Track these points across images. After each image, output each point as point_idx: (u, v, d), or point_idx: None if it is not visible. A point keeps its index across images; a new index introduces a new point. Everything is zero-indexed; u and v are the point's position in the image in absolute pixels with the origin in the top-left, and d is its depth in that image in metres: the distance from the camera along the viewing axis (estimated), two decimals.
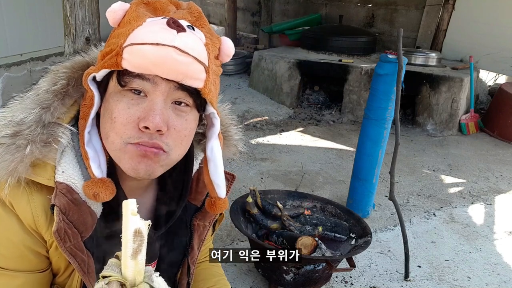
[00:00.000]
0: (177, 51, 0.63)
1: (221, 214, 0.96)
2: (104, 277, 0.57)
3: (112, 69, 0.67)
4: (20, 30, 3.85)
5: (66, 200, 0.68)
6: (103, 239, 0.77)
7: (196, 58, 0.65)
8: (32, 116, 0.68)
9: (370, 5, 5.49)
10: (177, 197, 0.84)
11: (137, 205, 0.58)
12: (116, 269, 0.57)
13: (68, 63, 0.76)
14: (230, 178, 0.92)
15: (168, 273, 0.89)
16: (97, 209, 0.74)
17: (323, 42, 4.75)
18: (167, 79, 0.65)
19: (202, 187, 0.88)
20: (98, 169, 0.71)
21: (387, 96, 2.23)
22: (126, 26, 0.67)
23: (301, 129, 4.10)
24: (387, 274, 2.07)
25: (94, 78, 0.71)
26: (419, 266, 2.14)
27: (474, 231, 2.50)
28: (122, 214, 0.76)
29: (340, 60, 4.45)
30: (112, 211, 0.76)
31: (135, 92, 0.67)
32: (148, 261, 0.62)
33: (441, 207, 2.75)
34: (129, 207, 0.55)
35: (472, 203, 2.82)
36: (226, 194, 0.86)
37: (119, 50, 0.64)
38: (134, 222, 0.55)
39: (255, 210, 1.96)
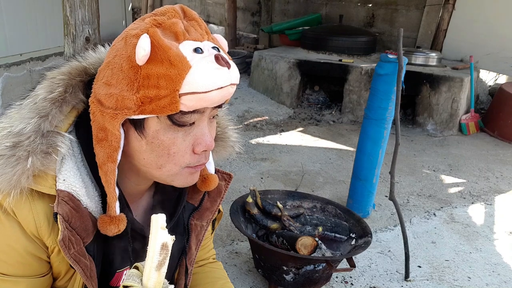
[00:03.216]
0: (232, 86, 0.68)
1: (219, 212, 0.96)
2: (125, 287, 0.61)
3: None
4: (20, 30, 3.85)
5: (68, 208, 0.68)
6: (103, 244, 0.77)
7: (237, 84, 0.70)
8: (30, 126, 0.68)
9: (370, 5, 5.49)
10: (176, 198, 0.84)
11: (136, 208, 0.59)
12: (136, 279, 0.61)
13: (65, 69, 0.74)
14: (227, 177, 0.92)
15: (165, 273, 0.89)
16: (98, 214, 0.74)
17: (323, 42, 4.75)
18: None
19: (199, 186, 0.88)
20: (118, 209, 0.73)
21: (387, 96, 2.23)
22: (165, 66, 0.62)
23: (301, 129, 4.10)
24: (387, 274, 2.07)
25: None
26: (419, 266, 2.14)
27: (475, 231, 2.50)
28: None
29: (340, 60, 4.45)
30: None
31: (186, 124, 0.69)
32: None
33: (441, 207, 2.74)
34: (159, 221, 0.59)
35: (472, 203, 2.82)
36: (224, 193, 0.89)
37: (175, 97, 0.63)
38: (162, 236, 0.59)
39: (255, 210, 1.96)
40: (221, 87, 0.65)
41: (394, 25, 5.27)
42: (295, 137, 3.86)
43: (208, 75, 0.64)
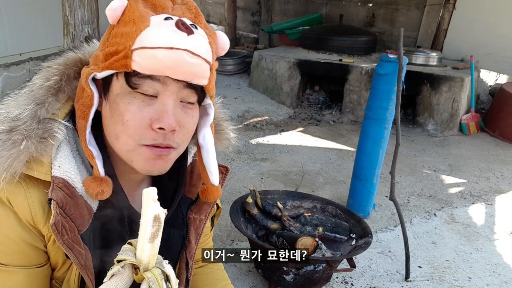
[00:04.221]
0: (189, 54, 0.65)
1: (218, 208, 0.96)
2: (118, 261, 0.61)
3: (120, 71, 0.67)
4: (20, 30, 3.84)
5: (63, 194, 0.68)
6: (100, 233, 0.77)
7: (205, 59, 0.67)
8: (27, 112, 0.69)
9: (371, 5, 5.48)
10: (173, 190, 0.84)
11: (133, 200, 0.58)
12: (130, 254, 0.61)
13: (61, 60, 0.76)
14: (224, 170, 0.92)
15: None
16: (93, 203, 0.74)
17: (323, 41, 4.74)
18: (176, 79, 0.67)
19: (197, 180, 0.88)
20: (102, 168, 0.72)
21: (388, 96, 2.23)
22: (129, 26, 0.66)
23: (301, 129, 4.09)
24: (387, 274, 2.07)
25: (92, 77, 0.71)
26: (420, 267, 2.14)
27: (475, 231, 2.49)
28: (119, 207, 0.77)
29: (340, 60, 4.44)
30: (109, 205, 0.76)
31: (146, 93, 0.68)
32: None
33: (442, 207, 2.74)
34: (151, 194, 0.60)
35: (472, 203, 2.82)
36: (221, 186, 0.88)
37: (128, 52, 0.64)
38: (154, 208, 0.59)
39: (255, 211, 1.96)
40: (172, 48, 0.63)
41: (395, 24, 5.26)
42: (295, 137, 3.86)
43: (161, 33, 0.64)
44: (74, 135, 0.74)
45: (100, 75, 0.69)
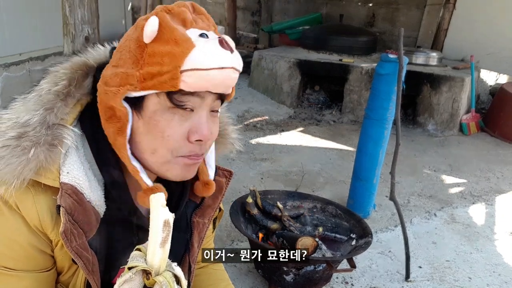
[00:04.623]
0: (234, 70, 0.68)
1: (220, 210, 0.96)
2: (129, 268, 0.61)
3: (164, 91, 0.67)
4: (19, 30, 3.84)
5: (71, 200, 0.68)
6: (107, 238, 0.77)
7: (240, 72, 0.71)
8: (36, 117, 0.68)
9: (371, 5, 5.48)
10: (179, 194, 0.84)
11: (141, 206, 0.58)
12: (141, 260, 0.62)
13: (67, 64, 0.75)
14: (227, 174, 0.92)
15: None
16: (101, 209, 0.74)
17: (323, 41, 4.74)
18: (214, 92, 0.69)
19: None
20: (148, 178, 0.73)
21: (388, 96, 2.22)
22: (170, 45, 0.65)
23: (301, 129, 4.09)
24: (387, 274, 2.06)
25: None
26: (420, 267, 2.13)
27: (475, 231, 2.49)
28: (126, 211, 0.78)
29: (340, 60, 4.44)
30: (116, 211, 0.76)
31: (186, 108, 0.69)
32: None
33: (442, 208, 2.74)
34: (159, 200, 0.61)
35: (473, 203, 2.81)
36: (225, 190, 0.90)
37: (176, 73, 0.64)
38: (163, 214, 0.61)
39: (255, 211, 1.95)
40: (222, 67, 0.66)
41: (395, 24, 5.26)
42: (295, 137, 3.85)
43: (210, 53, 0.65)
44: (83, 140, 0.74)
45: (137, 94, 0.68)
